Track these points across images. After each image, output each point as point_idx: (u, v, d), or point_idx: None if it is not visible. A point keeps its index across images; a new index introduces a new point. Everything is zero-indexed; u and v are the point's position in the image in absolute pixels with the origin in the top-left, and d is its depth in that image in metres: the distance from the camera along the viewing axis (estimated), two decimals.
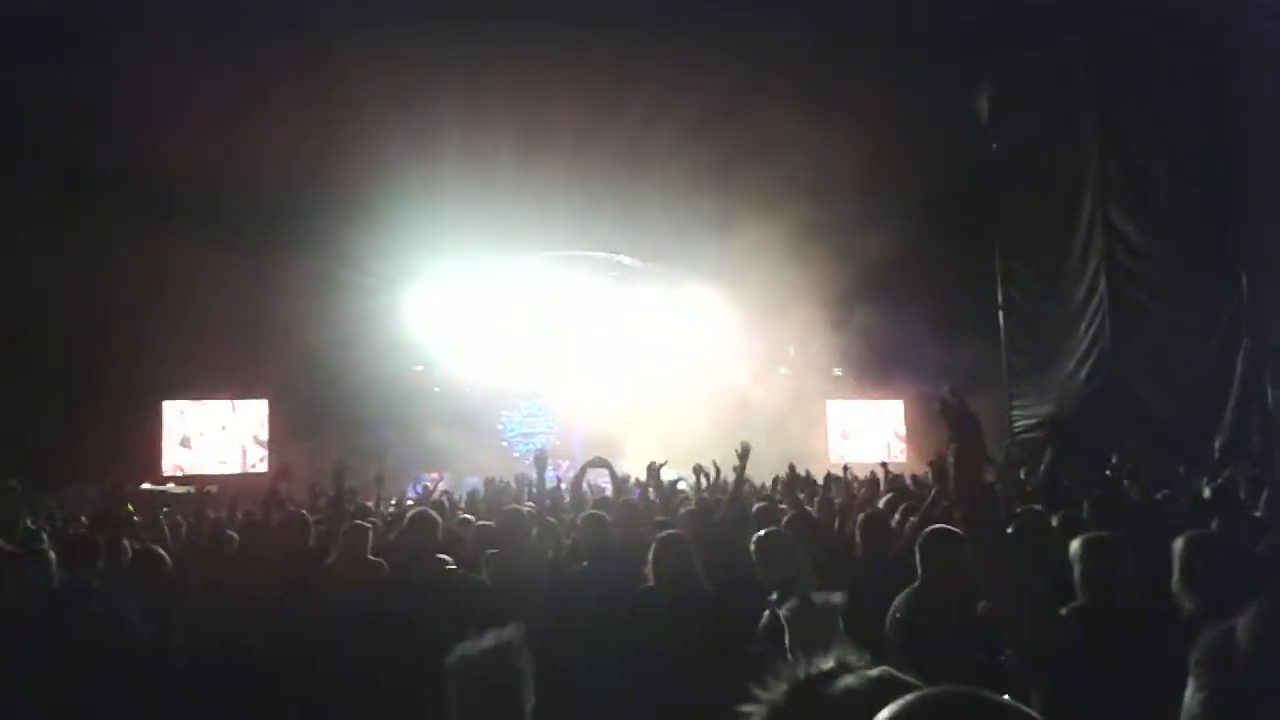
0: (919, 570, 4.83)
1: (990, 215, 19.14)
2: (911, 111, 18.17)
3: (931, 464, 10.66)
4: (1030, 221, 18.35)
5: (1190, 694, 2.16)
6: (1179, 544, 4.09)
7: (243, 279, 18.62)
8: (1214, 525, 6.28)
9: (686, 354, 23.79)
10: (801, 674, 1.46)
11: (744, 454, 7.95)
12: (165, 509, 12.63)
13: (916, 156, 18.93)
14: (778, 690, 1.46)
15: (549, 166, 19.38)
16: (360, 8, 16.70)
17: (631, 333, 24.24)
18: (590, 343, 24.07)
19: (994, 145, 18.73)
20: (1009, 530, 5.01)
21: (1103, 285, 16.91)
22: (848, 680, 1.43)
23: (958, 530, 5.02)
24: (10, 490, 8.66)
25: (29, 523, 8.31)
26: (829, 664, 1.47)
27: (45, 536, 7.48)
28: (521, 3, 17.26)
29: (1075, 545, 4.07)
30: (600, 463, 8.93)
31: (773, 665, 1.50)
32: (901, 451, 22.98)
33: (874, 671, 1.44)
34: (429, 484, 16.70)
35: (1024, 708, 1.31)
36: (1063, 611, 3.75)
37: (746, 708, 1.46)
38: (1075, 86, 17.42)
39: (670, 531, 5.06)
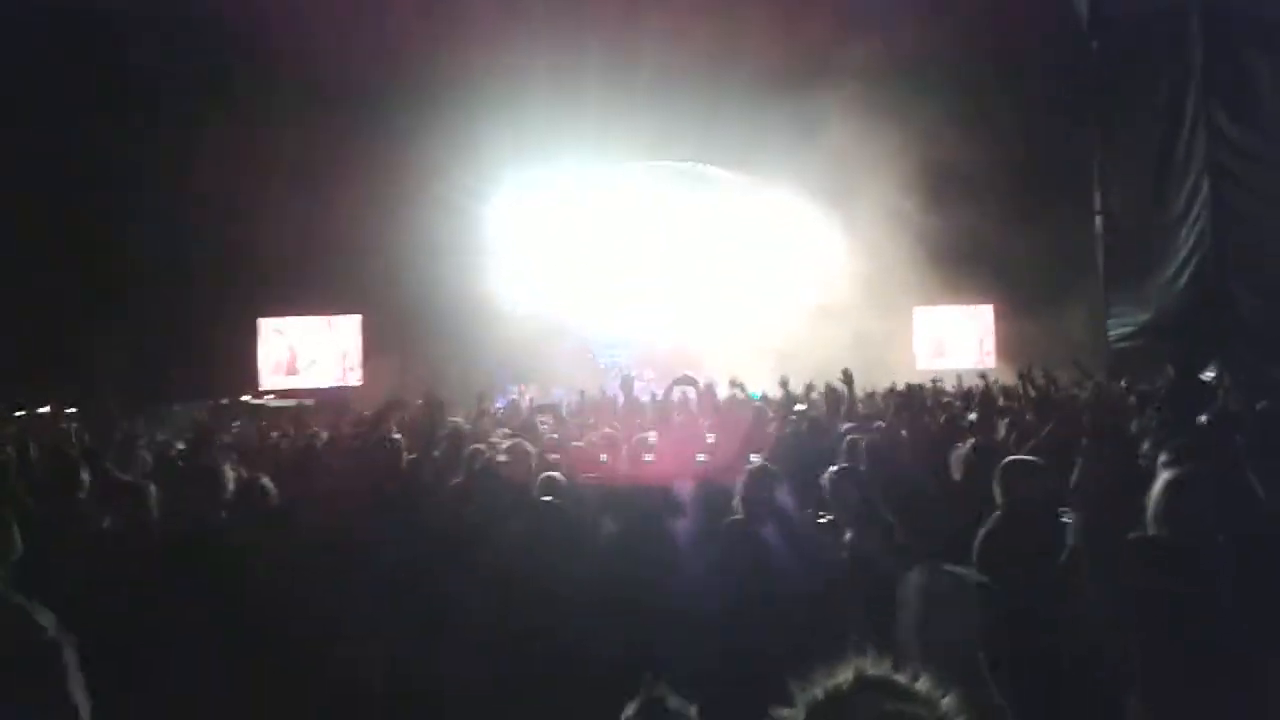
0: (999, 498, 4.82)
1: (1089, 118, 18.48)
2: (1010, 8, 17.53)
3: (1021, 376, 10.52)
4: (1130, 125, 17.70)
5: None
6: None
7: (331, 195, 18.83)
8: None
9: (770, 263, 23.62)
10: (820, 694, 1.50)
11: (848, 380, 7.98)
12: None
13: (1014, 54, 18.32)
14: (797, 713, 1.50)
15: (633, 73, 19.18)
16: None
17: (714, 242, 24.08)
18: (673, 253, 24.00)
19: (1094, 44, 17.99)
20: None
21: (1205, 189, 16.31)
22: (864, 701, 1.46)
23: (1037, 460, 5.01)
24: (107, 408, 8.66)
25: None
26: (846, 679, 1.50)
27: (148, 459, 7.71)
28: None
29: (1158, 484, 4.00)
30: (687, 380, 8.99)
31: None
32: (990, 356, 22.58)
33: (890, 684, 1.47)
34: (516, 396, 16.97)
35: None
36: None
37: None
38: None
39: (758, 463, 5.07)
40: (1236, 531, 3.81)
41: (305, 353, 21.69)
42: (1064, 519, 4.46)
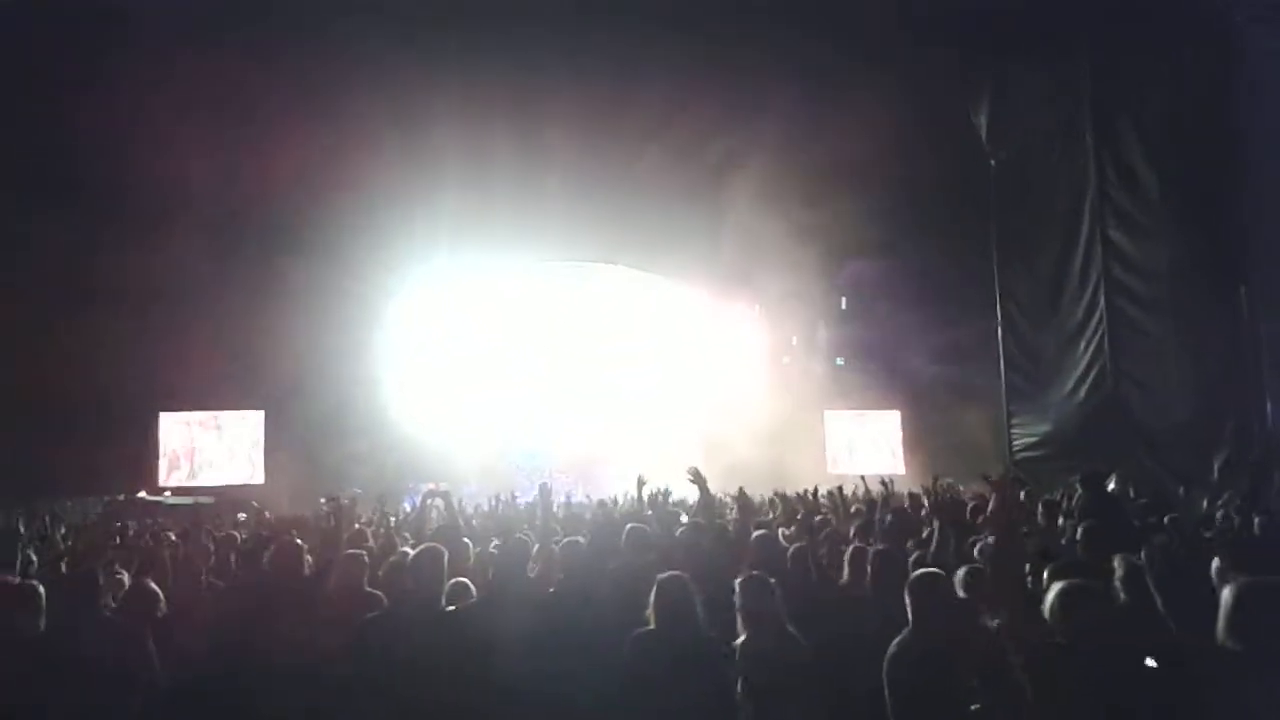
0: (909, 614, 4.81)
1: (989, 231, 19.06)
2: (911, 124, 18.12)
3: (925, 490, 10.62)
4: (1029, 238, 18.26)
5: None
6: (1228, 591, 4.07)
7: (238, 289, 18.57)
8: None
9: (685, 366, 23.81)
10: None
11: (697, 478, 7.89)
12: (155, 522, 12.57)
13: (915, 169, 18.91)
14: None
15: (545, 174, 19.38)
16: (361, 19, 16.66)
17: (629, 343, 24.23)
18: (588, 352, 24.05)
19: (992, 161, 18.65)
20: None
21: (1101, 303, 16.80)
22: None
23: (941, 572, 5.03)
24: None
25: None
26: None
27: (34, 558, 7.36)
28: (519, 14, 17.19)
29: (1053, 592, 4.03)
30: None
31: None
32: (899, 462, 22.90)
33: None
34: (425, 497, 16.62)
35: None
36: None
37: None
38: (1073, 101, 17.33)
39: (671, 573, 4.98)
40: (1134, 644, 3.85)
41: (205, 448, 21.09)
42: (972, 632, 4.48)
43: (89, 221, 17.31)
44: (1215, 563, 5.53)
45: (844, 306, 22.55)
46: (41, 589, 5.09)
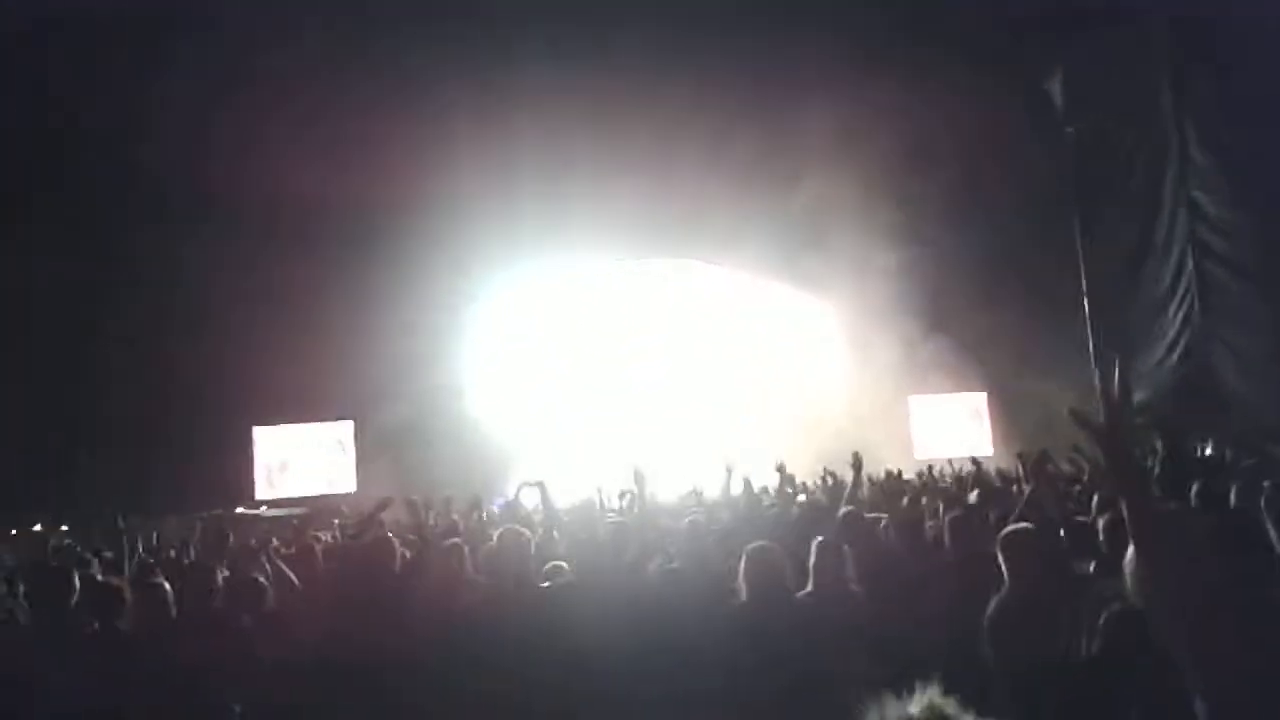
0: (1004, 573, 4.74)
1: (1070, 200, 18.69)
2: (987, 95, 17.86)
3: (1020, 456, 10.47)
4: (1112, 205, 17.90)
5: None
6: None
7: (326, 299, 18.89)
8: None
9: (767, 357, 23.70)
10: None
11: (858, 465, 7.83)
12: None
13: (992, 142, 18.62)
14: None
15: (621, 171, 19.46)
16: (440, 30, 16.94)
17: (710, 337, 24.17)
18: (669, 347, 24.03)
19: (1068, 129, 18.31)
20: None
21: (1189, 267, 16.47)
22: None
23: (1033, 527, 4.94)
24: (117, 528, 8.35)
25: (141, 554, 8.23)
26: (916, 711, 1.41)
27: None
28: (598, 14, 17.32)
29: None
30: None
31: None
32: (988, 443, 22.51)
33: None
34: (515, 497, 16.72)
35: None
36: None
37: None
38: (1151, 65, 17.00)
39: (760, 543, 5.00)
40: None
41: (299, 460, 21.48)
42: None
43: (179, 237, 17.78)
44: None
45: None
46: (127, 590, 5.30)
